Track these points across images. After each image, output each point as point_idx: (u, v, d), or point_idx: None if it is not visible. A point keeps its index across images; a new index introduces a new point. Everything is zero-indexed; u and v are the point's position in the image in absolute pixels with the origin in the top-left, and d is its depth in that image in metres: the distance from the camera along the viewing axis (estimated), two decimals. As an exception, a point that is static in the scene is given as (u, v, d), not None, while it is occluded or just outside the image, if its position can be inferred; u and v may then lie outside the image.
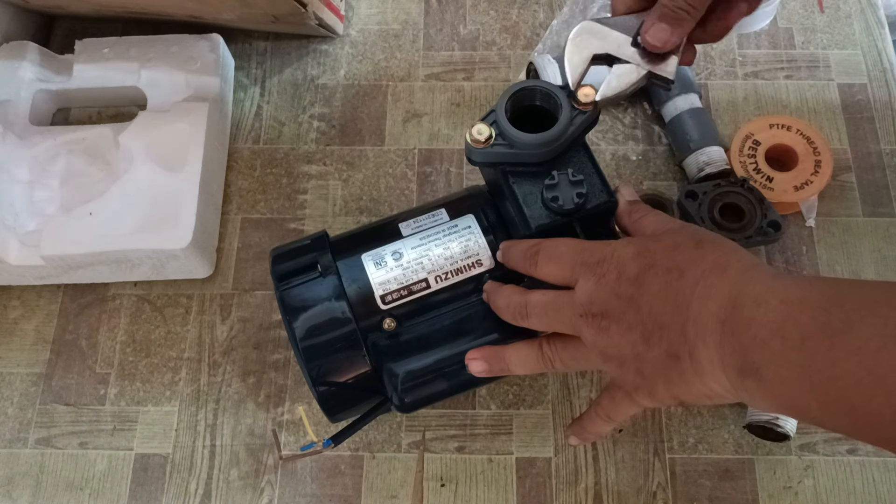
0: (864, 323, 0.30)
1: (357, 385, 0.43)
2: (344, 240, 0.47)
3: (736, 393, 0.34)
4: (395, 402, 0.43)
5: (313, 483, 0.51)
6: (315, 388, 0.42)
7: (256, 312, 0.56)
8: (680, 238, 0.38)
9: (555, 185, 0.42)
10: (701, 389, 0.36)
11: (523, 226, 0.43)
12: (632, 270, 0.37)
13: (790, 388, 0.31)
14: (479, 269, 0.44)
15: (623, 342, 0.36)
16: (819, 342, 0.30)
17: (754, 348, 0.32)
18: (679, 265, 0.36)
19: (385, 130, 0.62)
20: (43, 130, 0.59)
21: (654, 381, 0.36)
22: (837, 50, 0.63)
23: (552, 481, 0.50)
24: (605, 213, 0.43)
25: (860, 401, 0.29)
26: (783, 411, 0.34)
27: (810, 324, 0.31)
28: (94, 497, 0.51)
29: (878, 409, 0.29)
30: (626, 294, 0.36)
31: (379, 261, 0.44)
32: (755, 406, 0.36)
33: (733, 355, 0.33)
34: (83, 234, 0.52)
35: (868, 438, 0.31)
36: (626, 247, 0.38)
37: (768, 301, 0.32)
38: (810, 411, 0.31)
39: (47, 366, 0.55)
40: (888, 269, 0.56)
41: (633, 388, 0.38)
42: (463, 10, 0.66)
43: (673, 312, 0.35)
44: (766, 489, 0.50)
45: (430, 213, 0.46)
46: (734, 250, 0.37)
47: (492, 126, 0.42)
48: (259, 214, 0.59)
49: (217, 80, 0.59)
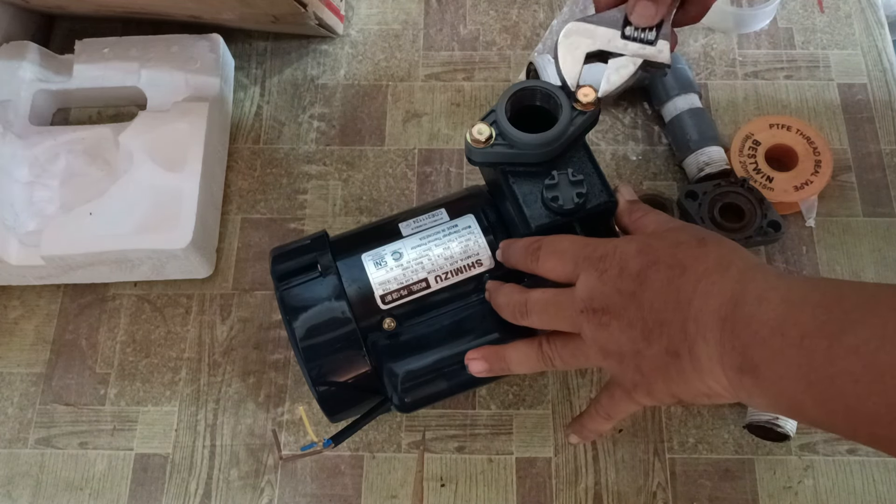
0: (864, 323, 0.30)
1: (357, 385, 0.43)
2: (344, 240, 0.47)
3: (734, 392, 0.34)
4: (395, 403, 0.43)
5: (313, 483, 0.51)
6: (315, 388, 0.42)
7: (256, 312, 0.56)
8: (683, 236, 0.38)
9: (555, 185, 0.42)
10: (699, 388, 0.36)
11: (523, 225, 0.43)
12: (634, 266, 0.37)
13: (787, 385, 0.31)
14: (479, 268, 0.44)
15: (623, 338, 0.36)
16: (818, 341, 0.30)
17: (754, 346, 0.32)
18: (681, 262, 0.36)
19: (385, 130, 0.62)
20: (43, 130, 0.59)
21: (652, 378, 0.36)
22: (837, 50, 0.63)
23: (552, 481, 0.50)
24: (605, 213, 0.43)
25: (856, 400, 0.29)
26: (780, 410, 0.34)
27: (810, 322, 0.31)
28: (94, 497, 0.51)
29: (874, 409, 0.29)
30: (627, 290, 0.36)
31: (379, 261, 0.44)
32: (753, 405, 0.36)
33: (733, 353, 0.33)
34: (83, 234, 0.52)
35: (862, 438, 0.31)
36: (629, 243, 0.38)
37: (770, 299, 0.33)
38: (807, 410, 0.32)
39: (47, 366, 0.55)
40: (888, 269, 0.56)
41: (632, 385, 0.38)
42: (463, 10, 0.66)
43: (674, 309, 0.35)
44: (766, 489, 0.50)
45: (430, 213, 0.46)
46: (736, 249, 0.37)
47: (492, 126, 0.42)
48: (259, 214, 0.59)
49: (217, 80, 0.59)
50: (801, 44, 0.63)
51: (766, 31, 0.64)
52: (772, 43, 0.64)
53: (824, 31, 0.64)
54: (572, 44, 0.43)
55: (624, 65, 0.43)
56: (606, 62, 0.43)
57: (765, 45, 0.63)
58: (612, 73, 0.43)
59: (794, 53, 0.63)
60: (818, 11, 0.65)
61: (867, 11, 0.65)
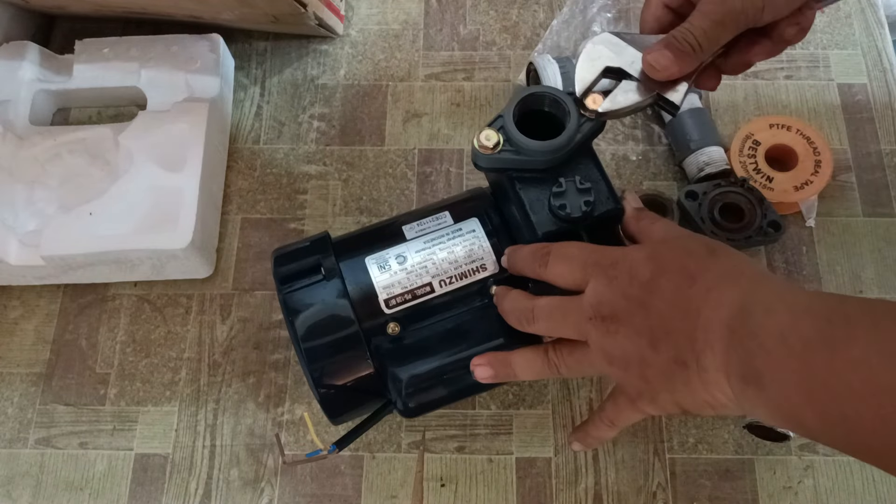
0: (866, 338, 0.30)
1: (359, 388, 0.43)
2: (347, 241, 0.46)
3: (738, 402, 0.34)
4: (399, 407, 0.43)
5: (313, 483, 0.51)
6: (317, 391, 0.42)
7: (256, 312, 0.56)
8: (692, 245, 0.38)
9: (562, 193, 0.41)
10: (704, 398, 0.35)
11: (529, 232, 0.42)
12: (644, 274, 0.36)
13: (789, 395, 0.32)
14: (484, 273, 0.44)
15: (630, 346, 0.36)
16: (820, 352, 0.31)
17: (759, 356, 0.32)
18: (692, 272, 0.36)
19: (385, 130, 0.62)
20: (43, 130, 0.59)
21: (658, 387, 0.36)
22: (837, 50, 0.63)
23: (552, 481, 0.50)
24: (612, 220, 0.43)
25: (854, 413, 0.30)
26: (782, 421, 0.34)
27: (813, 334, 0.31)
28: (94, 497, 0.51)
29: (871, 424, 0.29)
30: (636, 297, 0.36)
31: (383, 264, 0.44)
32: (755, 416, 0.36)
33: (738, 363, 0.33)
34: (83, 234, 0.52)
35: (858, 452, 0.31)
36: (639, 251, 0.38)
37: (776, 309, 0.33)
38: (806, 421, 0.32)
39: (47, 366, 0.55)
40: (888, 269, 0.56)
41: (637, 393, 0.38)
42: (463, 10, 0.66)
43: (683, 318, 0.35)
44: (766, 489, 0.50)
45: (433, 216, 0.46)
46: (745, 260, 0.37)
47: (499, 132, 0.42)
48: (259, 214, 0.59)
49: (217, 80, 0.59)
50: (801, 44, 0.63)
51: (766, 31, 0.64)
52: (772, 43, 0.64)
53: (824, 31, 0.64)
54: (596, 53, 0.42)
55: (634, 91, 0.42)
56: (621, 81, 0.42)
57: (765, 45, 0.63)
58: (620, 95, 0.42)
59: (794, 53, 0.63)
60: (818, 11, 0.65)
61: (867, 11, 0.65)
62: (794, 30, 0.42)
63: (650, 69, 0.41)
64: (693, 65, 0.41)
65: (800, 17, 0.42)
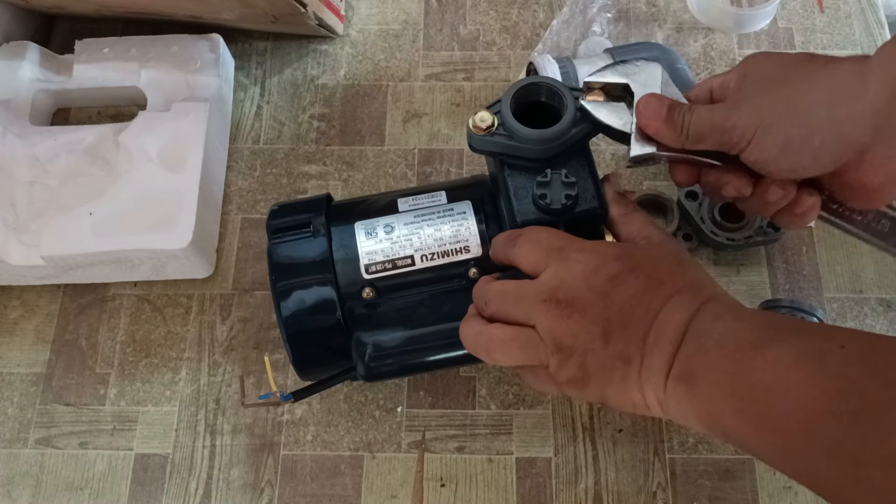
0: (790, 341, 0.32)
1: (326, 344, 0.44)
2: (344, 206, 0.48)
3: (664, 403, 0.36)
4: (359, 372, 0.44)
5: (313, 483, 0.51)
6: (287, 341, 0.43)
7: (256, 312, 0.56)
8: (663, 252, 0.40)
9: (546, 183, 0.42)
10: (633, 396, 0.37)
11: (510, 219, 0.43)
12: (612, 269, 0.37)
13: (713, 392, 0.34)
14: (466, 255, 0.44)
15: (582, 333, 0.36)
16: (746, 352, 0.33)
17: (697, 356, 0.34)
18: (660, 275, 0.37)
19: (385, 130, 0.62)
20: (43, 130, 0.59)
21: (593, 377, 0.37)
22: (837, 50, 0.63)
23: (552, 481, 0.50)
24: (594, 219, 0.43)
25: (764, 408, 0.32)
26: (701, 420, 0.35)
27: (746, 337, 0.34)
28: (94, 497, 0.51)
29: (775, 420, 0.31)
30: (600, 288, 0.37)
31: (371, 231, 0.45)
32: (677, 418, 0.36)
33: (678, 363, 0.35)
34: (83, 234, 0.52)
35: (761, 450, 0.33)
36: (610, 247, 0.39)
37: (723, 317, 0.35)
38: (723, 418, 0.33)
39: (47, 366, 0.55)
40: (888, 269, 0.55)
41: (566, 379, 0.37)
42: (463, 10, 0.66)
43: (642, 316, 0.36)
44: (766, 489, 0.50)
45: (430, 194, 0.47)
46: (710, 278, 0.39)
47: (495, 115, 0.43)
48: (259, 214, 0.59)
49: (217, 80, 0.59)
50: (801, 44, 0.63)
51: (766, 32, 0.64)
52: (772, 43, 0.64)
53: (824, 32, 0.64)
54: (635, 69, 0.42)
55: (619, 115, 0.42)
56: (615, 100, 0.43)
57: (765, 46, 0.63)
58: (607, 110, 0.42)
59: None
60: (818, 11, 0.65)
61: (867, 11, 0.65)
62: (776, 195, 0.41)
63: (639, 107, 0.41)
64: (671, 141, 0.41)
65: (767, 191, 0.41)
